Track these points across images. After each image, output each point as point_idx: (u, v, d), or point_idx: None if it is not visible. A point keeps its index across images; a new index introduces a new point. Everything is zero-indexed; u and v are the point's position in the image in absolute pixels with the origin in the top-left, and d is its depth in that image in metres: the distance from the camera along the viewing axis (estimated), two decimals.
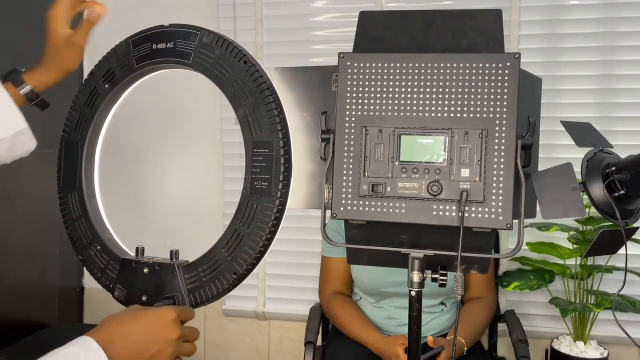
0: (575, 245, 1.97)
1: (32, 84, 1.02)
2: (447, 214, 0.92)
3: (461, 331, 1.67)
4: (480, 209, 0.91)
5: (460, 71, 0.92)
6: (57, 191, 1.12)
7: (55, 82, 1.05)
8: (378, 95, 0.95)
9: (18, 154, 1.03)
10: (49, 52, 1.05)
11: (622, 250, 1.04)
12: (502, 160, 0.90)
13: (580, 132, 1.05)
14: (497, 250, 2.07)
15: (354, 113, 0.96)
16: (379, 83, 0.95)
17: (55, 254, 2.32)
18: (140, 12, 2.53)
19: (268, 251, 0.96)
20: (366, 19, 1.01)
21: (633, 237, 1.82)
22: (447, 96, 0.93)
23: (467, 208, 0.91)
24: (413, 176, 0.93)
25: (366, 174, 0.95)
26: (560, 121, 1.08)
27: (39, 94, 1.03)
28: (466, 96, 0.92)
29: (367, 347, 1.72)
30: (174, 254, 1.02)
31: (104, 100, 1.10)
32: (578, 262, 2.01)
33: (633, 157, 0.96)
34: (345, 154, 0.96)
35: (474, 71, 0.92)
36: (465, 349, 1.67)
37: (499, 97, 0.91)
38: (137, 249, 1.04)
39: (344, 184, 0.95)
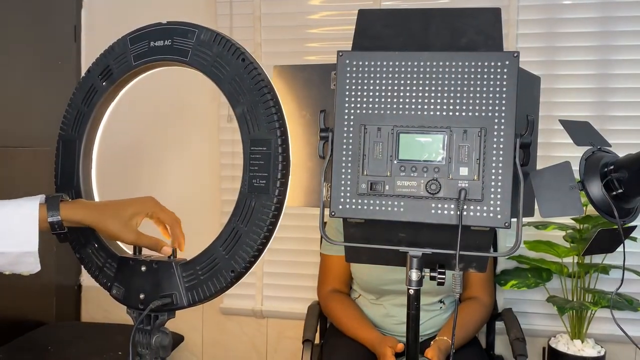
0: (572, 244, 1.98)
1: (63, 215, 0.96)
2: (445, 212, 0.92)
3: (448, 331, 1.67)
4: (478, 207, 0.91)
5: (459, 69, 0.92)
6: (55, 189, 1.12)
7: (85, 225, 0.99)
8: (377, 93, 0.95)
9: (19, 270, 0.98)
10: (109, 207, 1.00)
11: (619, 249, 1.04)
12: (500, 158, 0.90)
13: (579, 130, 1.05)
14: (495, 249, 2.07)
15: (352, 111, 0.95)
16: (377, 81, 0.95)
17: (52, 251, 2.32)
18: (137, 10, 2.52)
19: (266, 249, 0.96)
20: (365, 17, 1.01)
21: (631, 235, 1.83)
22: (445, 94, 0.92)
23: (465, 206, 0.91)
24: (412, 175, 0.93)
25: (365, 173, 0.94)
26: (559, 120, 1.08)
27: (64, 227, 0.97)
28: (465, 95, 0.92)
29: (363, 344, 1.72)
30: (171, 251, 1.01)
31: (101, 98, 1.10)
32: (575, 261, 2.01)
33: (631, 156, 0.96)
34: (344, 153, 0.95)
35: (472, 69, 0.92)
36: (453, 351, 1.66)
37: (497, 95, 0.90)
38: (134, 247, 1.04)
39: (343, 182, 0.95)
